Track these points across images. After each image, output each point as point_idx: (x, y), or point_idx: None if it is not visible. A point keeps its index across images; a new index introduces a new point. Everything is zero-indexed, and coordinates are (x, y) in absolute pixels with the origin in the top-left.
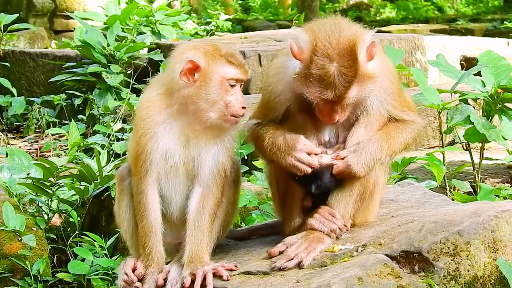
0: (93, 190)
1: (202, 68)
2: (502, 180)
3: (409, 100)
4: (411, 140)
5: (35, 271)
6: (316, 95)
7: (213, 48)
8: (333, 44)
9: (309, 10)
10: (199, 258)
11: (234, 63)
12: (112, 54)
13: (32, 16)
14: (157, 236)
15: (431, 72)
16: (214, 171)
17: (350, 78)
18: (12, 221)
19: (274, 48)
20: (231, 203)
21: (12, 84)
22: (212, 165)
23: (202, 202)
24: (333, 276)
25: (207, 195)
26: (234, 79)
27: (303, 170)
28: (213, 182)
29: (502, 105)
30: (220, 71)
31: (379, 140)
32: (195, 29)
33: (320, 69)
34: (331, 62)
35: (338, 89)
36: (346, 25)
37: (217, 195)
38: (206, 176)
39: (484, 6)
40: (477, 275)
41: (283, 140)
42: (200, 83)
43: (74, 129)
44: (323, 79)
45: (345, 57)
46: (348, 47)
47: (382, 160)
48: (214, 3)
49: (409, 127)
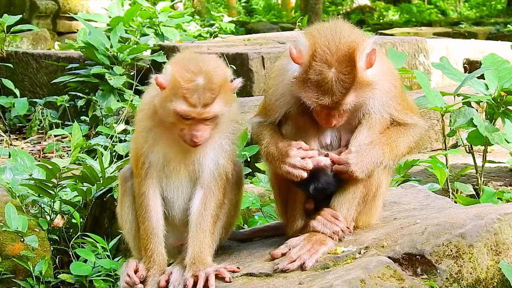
0: (96, 191)
1: (165, 90)
2: (505, 183)
3: (412, 103)
4: (413, 143)
5: (37, 272)
6: (313, 100)
7: (182, 76)
8: (332, 50)
9: (312, 12)
10: (201, 260)
11: (188, 101)
12: (115, 55)
13: (35, 17)
14: (159, 238)
15: (434, 75)
16: (214, 174)
17: (348, 85)
18: (14, 222)
19: (277, 50)
20: (233, 205)
21: (15, 85)
22: (212, 168)
23: (204, 204)
24: (335, 278)
25: (208, 197)
26: (185, 116)
27: (299, 175)
28: (214, 184)
29: (505, 108)
30: (173, 104)
31: (381, 144)
32: (199, 31)
33: (318, 74)
34: (329, 68)
35: (335, 95)
36: (346, 30)
37: (219, 197)
38: (207, 179)
39: (487, 9)
40: (479, 278)
41: (275, 149)
42: (162, 100)
43: (77, 130)
44: (321, 85)
45: (344, 63)
46: (347, 54)
47: (384, 163)
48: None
49: (412, 131)
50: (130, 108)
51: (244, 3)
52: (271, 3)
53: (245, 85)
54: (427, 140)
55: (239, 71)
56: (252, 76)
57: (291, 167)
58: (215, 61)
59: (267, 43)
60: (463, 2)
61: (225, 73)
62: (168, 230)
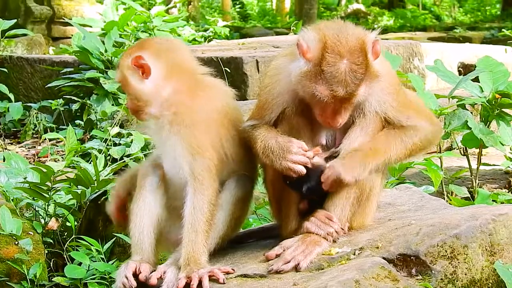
0: (90, 194)
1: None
2: (499, 185)
3: (415, 103)
4: (412, 146)
5: (31, 275)
6: (327, 92)
7: None
8: (342, 41)
9: (306, 17)
10: (195, 260)
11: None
12: (109, 60)
13: (30, 23)
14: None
15: (429, 79)
16: (187, 171)
17: (361, 75)
18: (9, 225)
19: (272, 54)
20: (235, 218)
21: (9, 89)
22: (183, 164)
23: (193, 203)
24: (330, 279)
25: (195, 195)
26: None
27: (299, 171)
28: (195, 181)
29: (500, 110)
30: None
31: (372, 149)
32: (193, 35)
33: (331, 65)
34: (342, 59)
35: (349, 86)
36: (350, 26)
37: (208, 194)
38: (186, 176)
39: (482, 14)
40: (474, 279)
41: (275, 143)
42: None
43: (72, 134)
44: (335, 76)
45: (355, 54)
46: (357, 45)
47: (377, 167)
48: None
49: (409, 133)
50: (125, 111)
51: (238, 9)
52: (266, 8)
53: (239, 89)
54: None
55: (233, 75)
56: (246, 80)
57: (292, 163)
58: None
59: (262, 47)
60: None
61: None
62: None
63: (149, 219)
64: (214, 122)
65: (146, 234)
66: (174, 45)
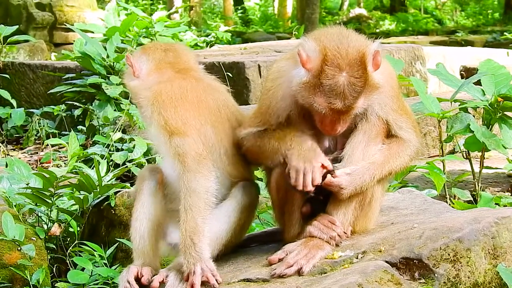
0: (93, 199)
1: None
2: (502, 189)
3: (409, 109)
4: (407, 162)
5: (34, 280)
6: (325, 104)
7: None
8: (342, 54)
9: (308, 22)
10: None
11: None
12: (111, 65)
13: (32, 28)
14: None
15: (431, 82)
16: (166, 151)
17: (360, 88)
18: (11, 231)
19: (274, 59)
20: (239, 226)
21: (12, 95)
22: (161, 145)
23: (180, 185)
24: (333, 283)
25: (181, 177)
26: None
27: (309, 190)
28: (175, 163)
29: (502, 113)
30: None
31: (375, 166)
32: (195, 41)
33: (330, 78)
34: (341, 71)
35: (347, 99)
36: (352, 35)
37: (192, 172)
38: (170, 160)
39: (484, 18)
40: (477, 282)
41: (306, 140)
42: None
43: (74, 139)
44: (333, 89)
45: (355, 67)
46: (357, 57)
47: (376, 180)
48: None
49: (407, 149)
50: (127, 117)
51: (240, 14)
52: (268, 13)
53: (241, 94)
54: (424, 147)
55: (235, 80)
56: (248, 85)
57: (310, 171)
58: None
59: (264, 51)
60: (460, 11)
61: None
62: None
63: (149, 223)
64: (196, 106)
65: (146, 238)
66: (168, 46)
